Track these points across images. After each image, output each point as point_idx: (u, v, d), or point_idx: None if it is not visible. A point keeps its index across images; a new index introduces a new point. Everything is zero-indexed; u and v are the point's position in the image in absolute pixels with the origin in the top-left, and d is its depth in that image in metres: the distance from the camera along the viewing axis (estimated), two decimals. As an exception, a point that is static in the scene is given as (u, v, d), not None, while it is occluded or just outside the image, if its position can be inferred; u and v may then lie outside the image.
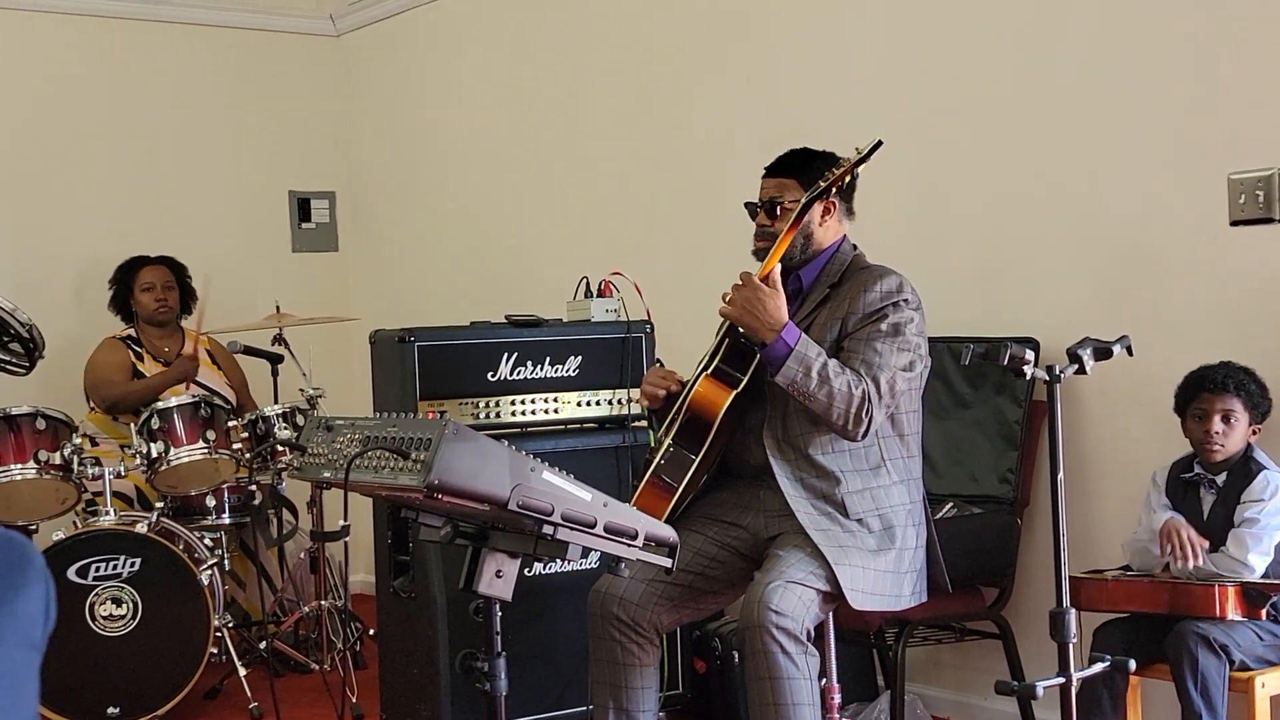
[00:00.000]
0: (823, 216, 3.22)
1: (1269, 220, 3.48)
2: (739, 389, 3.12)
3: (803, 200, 3.11)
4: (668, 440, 3.16)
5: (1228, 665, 3.15)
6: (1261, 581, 3.22)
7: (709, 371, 3.16)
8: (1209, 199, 3.58)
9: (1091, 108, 3.85)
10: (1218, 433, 3.31)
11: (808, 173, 3.18)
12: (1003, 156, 4.07)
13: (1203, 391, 3.35)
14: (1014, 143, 4.04)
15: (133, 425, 4.62)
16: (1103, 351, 3.03)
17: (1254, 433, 3.36)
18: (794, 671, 2.90)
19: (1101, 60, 3.83)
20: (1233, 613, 3.18)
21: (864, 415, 3.03)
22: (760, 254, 3.20)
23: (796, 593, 2.93)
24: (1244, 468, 3.33)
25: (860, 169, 3.09)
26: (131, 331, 5.39)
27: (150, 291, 5.35)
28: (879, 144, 3.05)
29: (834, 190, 3.12)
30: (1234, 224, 3.55)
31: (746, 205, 3.30)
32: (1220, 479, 3.36)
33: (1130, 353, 3.08)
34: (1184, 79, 3.65)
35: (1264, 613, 3.20)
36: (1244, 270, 3.55)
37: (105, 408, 5.07)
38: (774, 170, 3.27)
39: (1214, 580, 3.22)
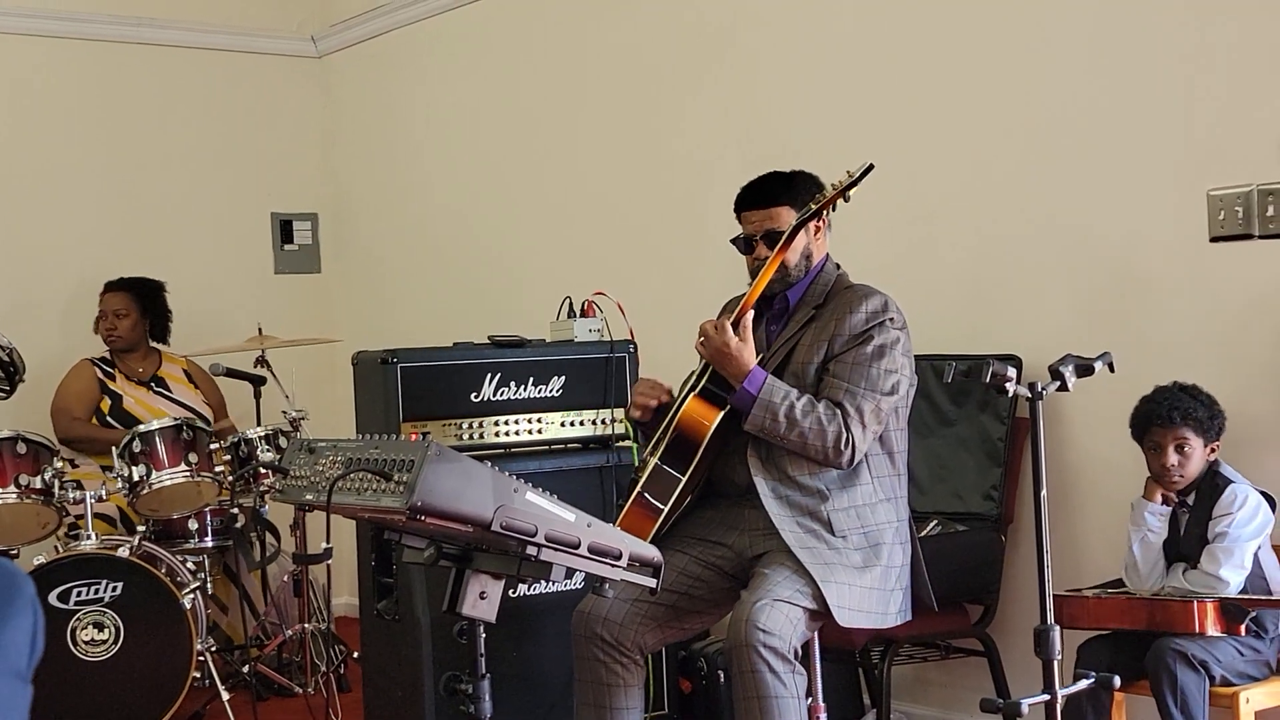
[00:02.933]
0: (816, 234, 3.24)
1: (1248, 236, 3.50)
2: (727, 409, 3.13)
3: (793, 223, 3.12)
4: (654, 460, 3.15)
5: (1207, 681, 3.16)
6: (1240, 597, 3.23)
7: (697, 391, 3.16)
8: (1189, 215, 3.60)
9: (1072, 126, 3.87)
10: (1173, 465, 3.34)
11: (796, 195, 3.19)
12: (986, 175, 4.08)
13: (1152, 425, 3.37)
14: (997, 161, 4.05)
15: (114, 448, 4.60)
16: (1084, 368, 3.04)
17: (1212, 451, 3.37)
18: (782, 691, 2.89)
19: (1083, 79, 3.85)
20: (1212, 628, 3.18)
21: (843, 448, 3.05)
22: None
23: (784, 611, 2.93)
24: (1211, 484, 3.34)
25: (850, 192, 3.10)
26: (107, 352, 5.38)
27: (103, 319, 5.35)
28: (870, 167, 3.05)
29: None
30: (1214, 240, 3.57)
31: (736, 241, 3.29)
32: (1190, 499, 3.37)
33: (1112, 369, 3.09)
34: (1164, 96, 3.67)
35: (1243, 628, 3.21)
36: (1224, 286, 3.56)
37: (59, 440, 5.00)
38: (761, 201, 3.24)
39: (1192, 597, 3.23)
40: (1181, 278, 3.65)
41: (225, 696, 4.42)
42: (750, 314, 3.12)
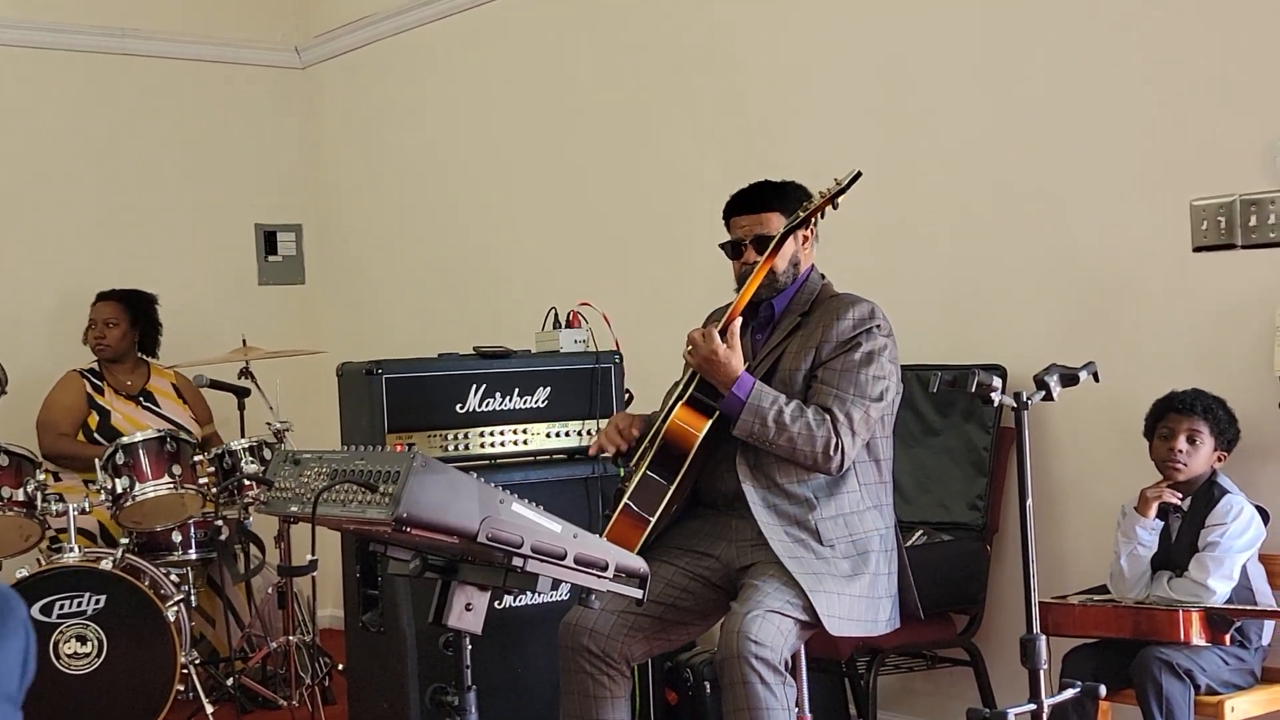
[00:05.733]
0: (804, 243, 3.24)
1: (1231, 246, 3.51)
2: (715, 417, 3.13)
3: (782, 230, 3.13)
4: (641, 469, 3.15)
5: (1192, 690, 3.16)
6: (1225, 607, 3.24)
7: (685, 400, 3.16)
8: (1172, 226, 3.61)
9: (1055, 137, 3.88)
10: (1181, 451, 3.34)
11: (787, 203, 3.20)
12: (969, 185, 4.09)
13: (1170, 411, 3.39)
14: (980, 172, 4.07)
15: (97, 460, 4.58)
16: (1069, 378, 3.05)
17: (1219, 459, 3.38)
18: (772, 702, 2.89)
19: (1065, 90, 3.86)
20: (1197, 638, 3.19)
21: (832, 452, 3.05)
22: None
23: (775, 622, 2.93)
24: (1208, 492, 3.35)
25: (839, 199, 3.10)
26: (95, 365, 5.36)
27: (92, 328, 5.33)
28: (858, 175, 3.06)
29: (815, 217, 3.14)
30: (1197, 250, 3.58)
31: (725, 246, 3.29)
32: (1185, 504, 3.38)
33: (1097, 379, 3.10)
34: (1145, 107, 3.69)
35: (1228, 637, 3.22)
36: (1207, 296, 3.58)
37: (44, 455, 4.98)
38: (752, 206, 3.25)
39: (1178, 605, 3.24)
40: (1164, 288, 3.66)
41: (209, 709, 4.40)
42: (738, 321, 3.13)
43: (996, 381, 2.99)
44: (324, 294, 6.53)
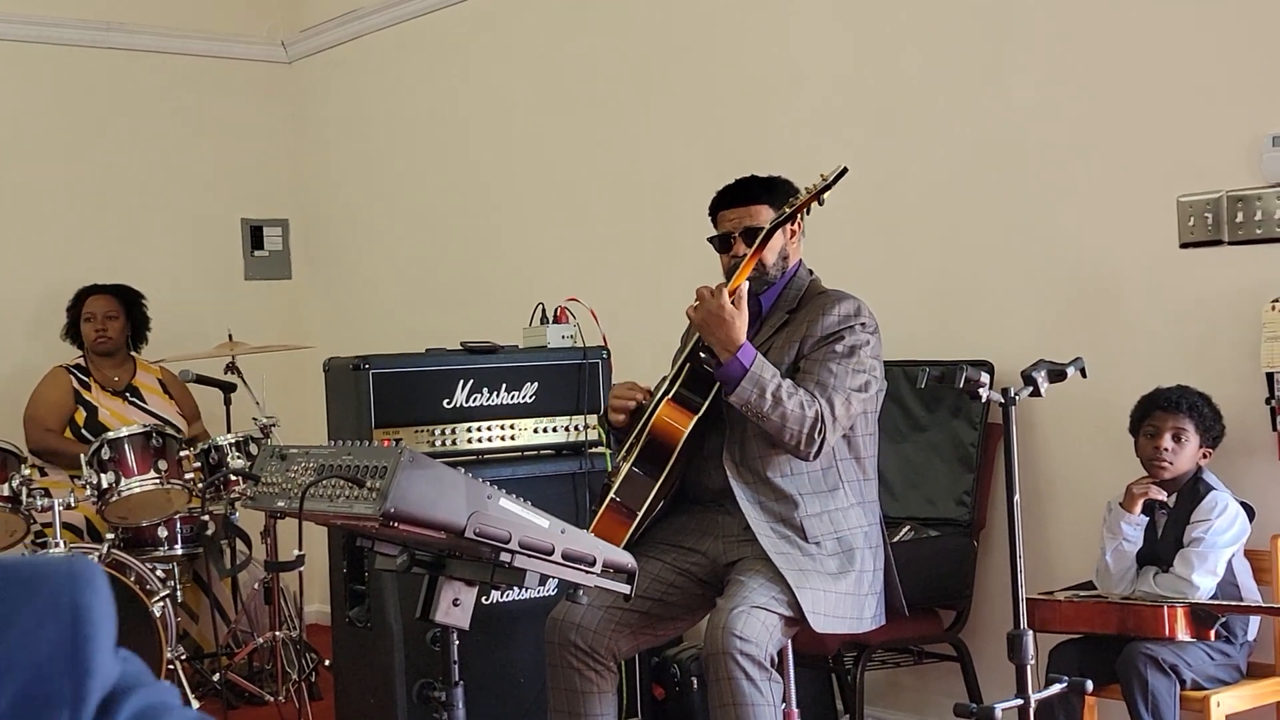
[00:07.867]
0: (791, 237, 3.24)
1: (1218, 242, 3.52)
2: (700, 414, 3.12)
3: (769, 224, 3.12)
4: (627, 465, 3.15)
5: (1178, 685, 3.18)
6: (1210, 602, 3.25)
7: (670, 396, 3.16)
8: (1159, 221, 3.62)
9: (1043, 133, 3.89)
10: (1167, 449, 3.35)
11: (775, 195, 3.20)
12: (957, 182, 4.10)
13: (1156, 409, 3.39)
14: (968, 168, 4.07)
15: (83, 455, 4.56)
16: (1057, 374, 3.05)
17: (1204, 456, 3.39)
18: (758, 698, 2.89)
19: (1052, 86, 3.87)
20: (1182, 633, 3.20)
21: (816, 436, 3.04)
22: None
23: (760, 618, 2.93)
24: (1193, 489, 3.36)
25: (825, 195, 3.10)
26: (80, 360, 5.34)
27: (90, 322, 5.32)
28: (844, 170, 3.06)
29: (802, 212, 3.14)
30: (1183, 246, 3.59)
31: (714, 240, 3.28)
32: (1170, 500, 3.39)
33: (1084, 375, 3.10)
34: (1133, 104, 3.70)
35: (1213, 633, 3.23)
36: (1194, 292, 3.59)
37: (30, 450, 4.96)
38: (740, 199, 3.24)
39: (1163, 601, 3.24)
40: (1151, 284, 3.67)
41: (195, 705, 4.39)
42: (744, 285, 3.10)
43: (984, 377, 2.99)
44: (310, 289, 6.52)
